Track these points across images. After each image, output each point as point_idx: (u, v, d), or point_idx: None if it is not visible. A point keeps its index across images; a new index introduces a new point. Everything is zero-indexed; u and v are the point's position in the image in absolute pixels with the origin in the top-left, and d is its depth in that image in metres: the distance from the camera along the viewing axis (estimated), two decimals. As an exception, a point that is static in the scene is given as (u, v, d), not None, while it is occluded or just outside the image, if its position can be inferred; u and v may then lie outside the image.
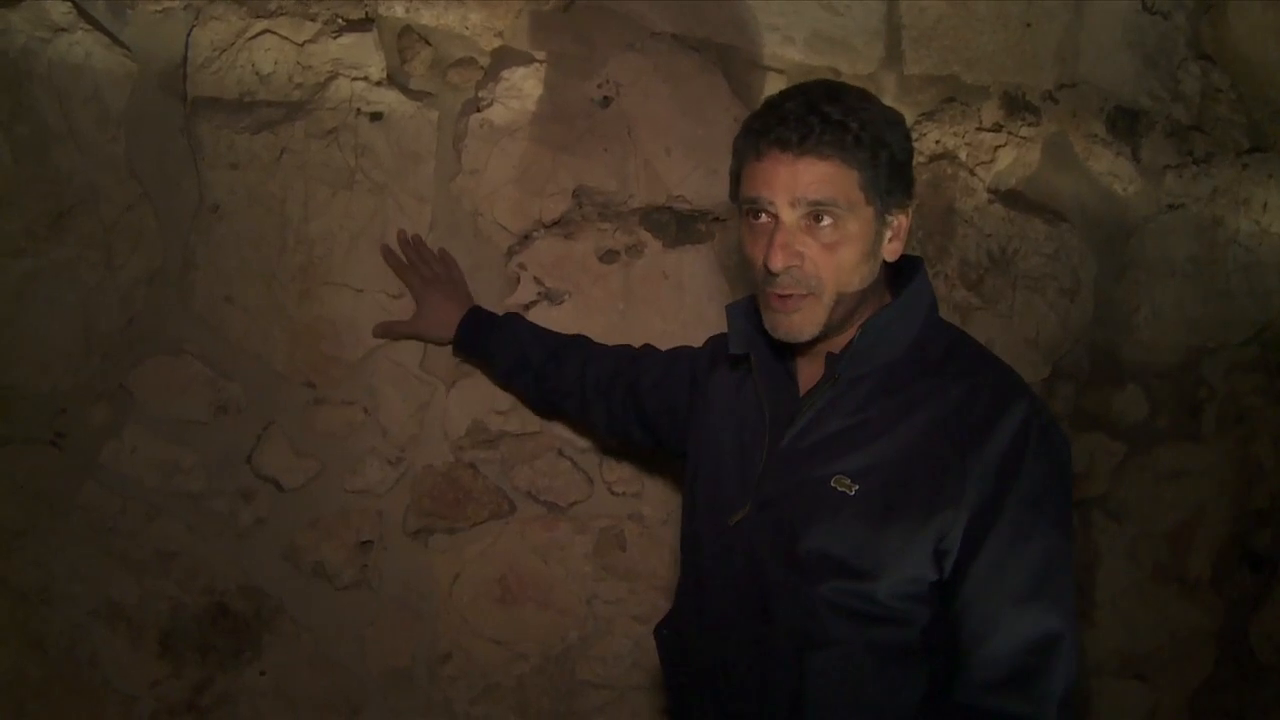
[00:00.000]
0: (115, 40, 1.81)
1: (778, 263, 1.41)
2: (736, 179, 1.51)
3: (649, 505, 2.22)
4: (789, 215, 1.41)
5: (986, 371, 1.49)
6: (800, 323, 1.46)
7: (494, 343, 2.00)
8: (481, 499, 2.11)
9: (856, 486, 1.44)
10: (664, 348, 2.10)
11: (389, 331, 2.02)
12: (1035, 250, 2.47)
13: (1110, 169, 2.53)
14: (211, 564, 1.95)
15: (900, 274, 1.56)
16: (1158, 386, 2.68)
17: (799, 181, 1.39)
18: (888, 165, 1.42)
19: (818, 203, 1.40)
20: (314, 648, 2.03)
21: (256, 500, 1.97)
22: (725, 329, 1.64)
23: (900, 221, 1.49)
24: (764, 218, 1.44)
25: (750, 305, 1.62)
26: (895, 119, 1.47)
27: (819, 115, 1.39)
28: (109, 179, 1.84)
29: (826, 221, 1.41)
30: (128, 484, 1.90)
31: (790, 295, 1.45)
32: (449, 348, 2.06)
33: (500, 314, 2.04)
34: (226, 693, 1.99)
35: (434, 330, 2.02)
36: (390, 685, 2.09)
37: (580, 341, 2.04)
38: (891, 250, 1.50)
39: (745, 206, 1.47)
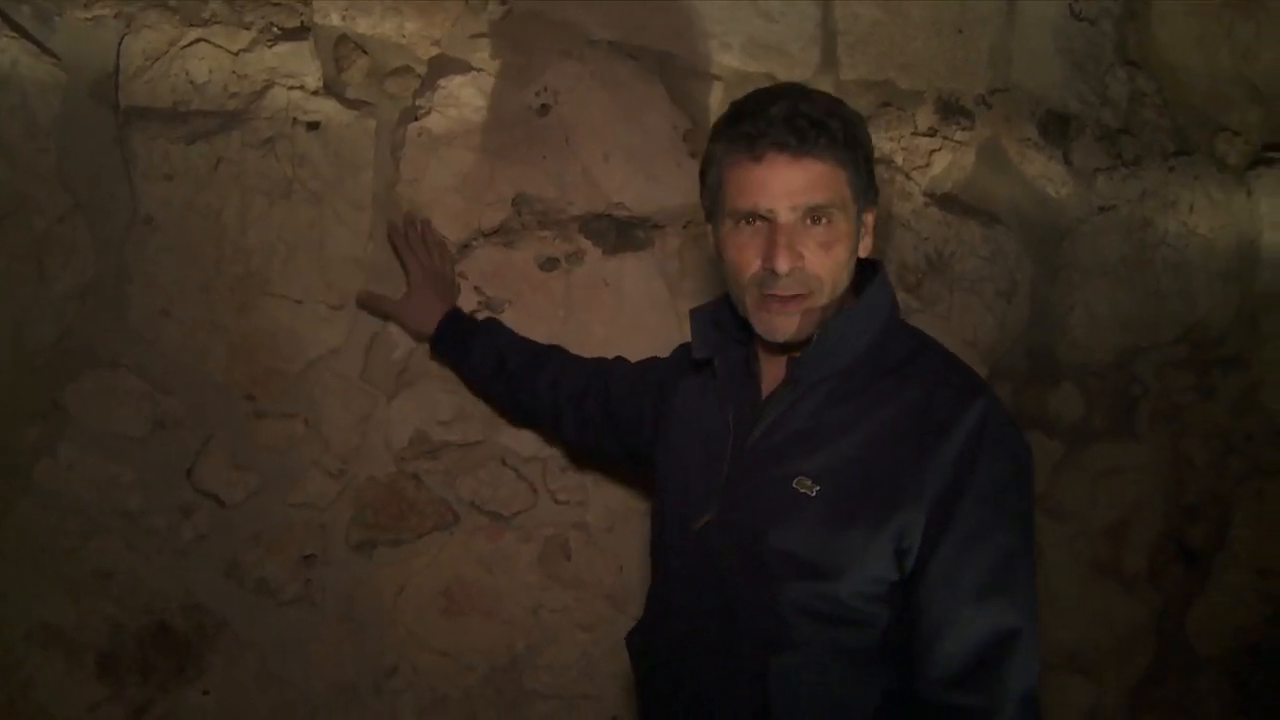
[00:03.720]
0: (43, 48, 1.77)
1: (784, 264, 1.43)
2: (718, 185, 1.51)
3: (593, 514, 2.21)
4: (788, 216, 1.43)
5: (945, 372, 1.51)
6: (802, 323, 1.48)
7: (472, 346, 2.00)
8: (425, 510, 2.09)
9: (817, 487, 1.45)
10: (606, 355, 2.10)
11: (373, 303, 2.00)
12: (972, 253, 2.50)
13: (1043, 172, 2.58)
14: (151, 582, 1.91)
15: (859, 276, 1.58)
16: (1093, 385, 2.72)
17: (797, 184, 1.42)
18: (865, 163, 1.48)
19: (817, 206, 1.43)
20: (258, 665, 1.99)
21: (197, 516, 1.93)
22: (667, 336, 1.65)
23: (869, 219, 1.54)
24: (757, 222, 1.46)
25: (715, 310, 1.63)
26: (861, 118, 1.51)
27: (806, 117, 1.41)
28: (39, 190, 1.80)
29: (824, 222, 1.43)
30: (63, 502, 1.85)
31: (793, 296, 1.46)
32: (391, 358, 2.04)
33: (481, 319, 2.05)
34: (169, 714, 1.94)
35: (416, 320, 2.01)
36: (336, 700, 2.06)
37: (556, 350, 2.04)
38: (865, 247, 1.54)
39: (738, 214, 1.47)
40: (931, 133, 2.43)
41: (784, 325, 1.49)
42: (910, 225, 2.43)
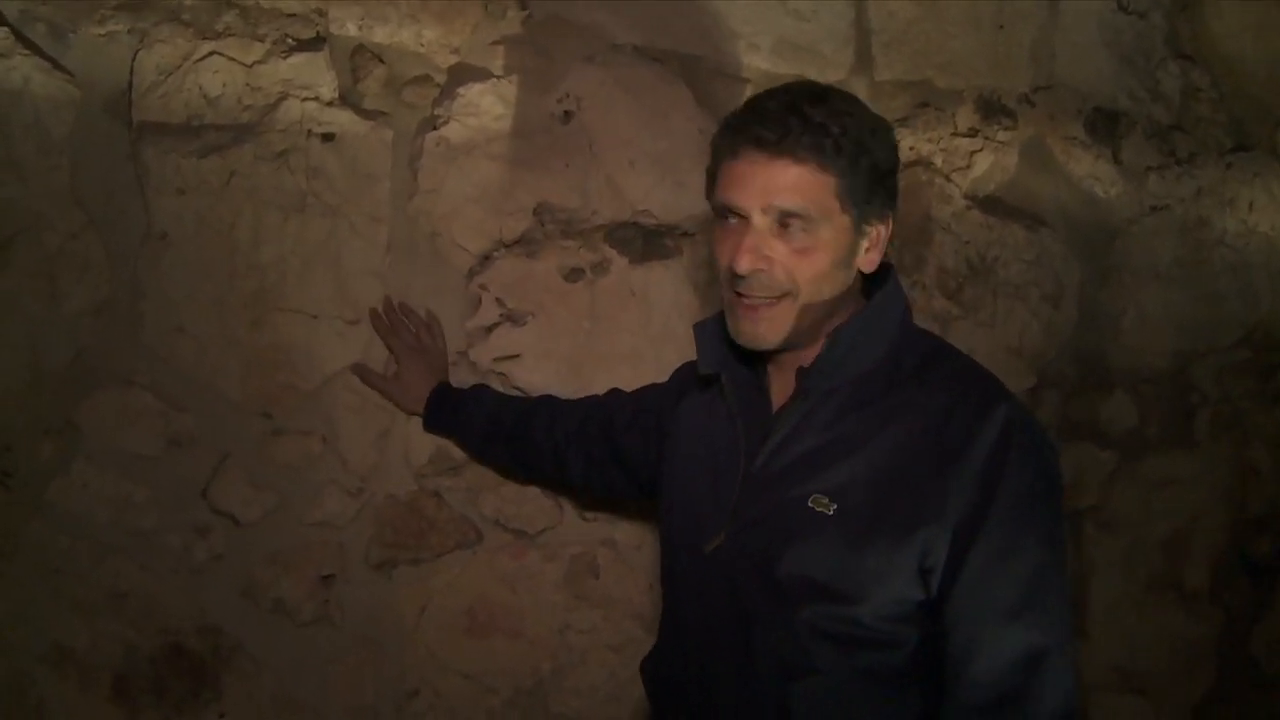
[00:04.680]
0: (56, 65, 1.76)
1: (744, 265, 1.36)
2: (712, 178, 1.45)
3: (621, 531, 2.15)
4: (760, 219, 1.36)
5: (965, 379, 1.43)
6: (766, 330, 1.41)
7: (462, 415, 1.96)
8: (446, 528, 2.05)
9: (835, 505, 1.38)
10: (633, 366, 2.07)
11: (364, 376, 1.97)
12: (1016, 256, 2.41)
13: (1091, 172, 2.48)
14: (166, 603, 1.89)
15: (874, 282, 1.50)
16: (1147, 392, 2.62)
17: (772, 185, 1.34)
18: (868, 173, 1.37)
19: (789, 211, 1.35)
20: (275, 687, 1.96)
21: (212, 535, 1.91)
22: (695, 348, 1.58)
23: (879, 232, 1.44)
24: (734, 219, 1.40)
25: (719, 323, 1.56)
26: (881, 126, 1.42)
27: (800, 116, 1.34)
28: (52, 207, 1.78)
29: (797, 227, 1.36)
30: (77, 522, 1.83)
31: (757, 300, 1.39)
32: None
33: (469, 387, 2.01)
34: (186, 736, 1.93)
35: (406, 400, 1.99)
36: (357, 724, 2.03)
37: (548, 399, 2.00)
38: (868, 261, 1.45)
39: (718, 208, 1.42)
40: (972, 133, 2.35)
41: (748, 329, 1.42)
42: (950, 229, 2.34)
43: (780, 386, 1.51)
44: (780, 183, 1.34)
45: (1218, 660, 2.80)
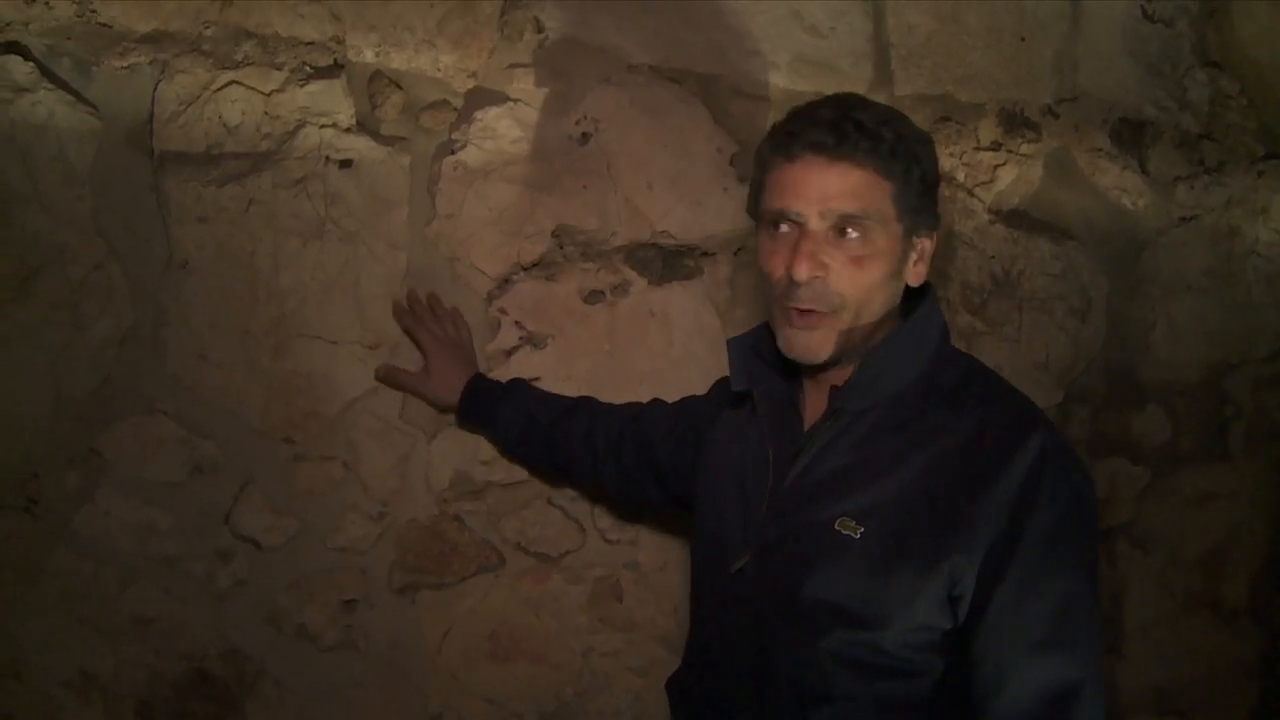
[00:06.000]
0: (80, 98, 1.78)
1: (803, 271, 1.34)
2: (759, 188, 1.44)
3: (645, 552, 2.14)
4: (817, 224, 1.35)
5: (1000, 403, 1.41)
6: (819, 341, 1.39)
7: (500, 409, 1.94)
8: (469, 552, 2.04)
9: (861, 529, 1.36)
10: (654, 388, 2.05)
11: (391, 378, 1.96)
12: (1041, 270, 2.38)
13: (1117, 183, 2.44)
14: (190, 629, 1.90)
15: (911, 301, 1.49)
16: (1180, 406, 2.57)
17: (831, 189, 1.33)
18: (919, 183, 1.38)
19: (849, 215, 1.34)
20: (298, 713, 1.96)
21: (235, 561, 1.91)
22: (719, 368, 1.57)
23: (925, 245, 1.43)
24: (786, 227, 1.38)
25: (755, 338, 1.55)
26: (926, 138, 1.42)
27: (854, 122, 1.33)
28: (76, 238, 1.80)
29: (854, 235, 1.35)
30: (101, 549, 1.84)
31: (811, 310, 1.38)
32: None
33: (505, 381, 1.99)
34: (212, 762, 1.93)
35: (438, 393, 1.96)
36: (381, 748, 2.02)
37: (587, 402, 1.98)
38: (916, 274, 1.44)
39: (769, 216, 1.41)
40: (995, 146, 2.32)
41: (800, 341, 1.40)
42: (974, 244, 2.31)
43: (815, 404, 1.49)
44: (841, 186, 1.33)
45: (1260, 680, 2.74)
